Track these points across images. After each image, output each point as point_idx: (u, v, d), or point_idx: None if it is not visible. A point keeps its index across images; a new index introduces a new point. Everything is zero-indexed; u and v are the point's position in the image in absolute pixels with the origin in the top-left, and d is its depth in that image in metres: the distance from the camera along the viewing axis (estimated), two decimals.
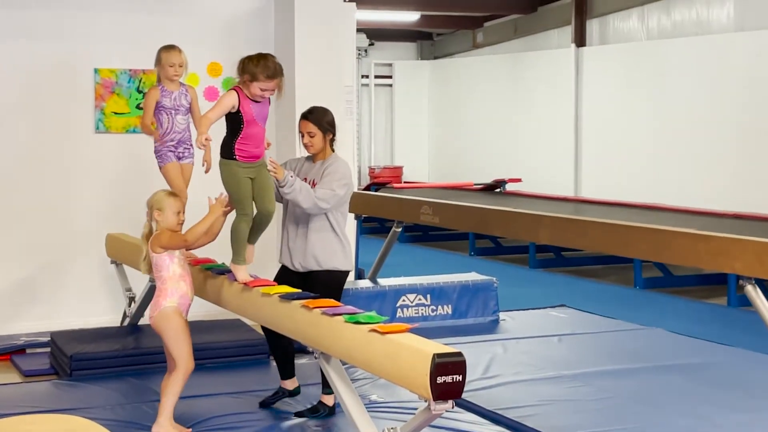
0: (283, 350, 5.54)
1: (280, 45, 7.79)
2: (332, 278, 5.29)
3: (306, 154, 5.47)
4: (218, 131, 4.99)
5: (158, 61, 5.77)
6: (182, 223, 4.91)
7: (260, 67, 4.84)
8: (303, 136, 5.32)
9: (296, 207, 5.19)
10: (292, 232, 5.32)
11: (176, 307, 4.86)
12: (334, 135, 5.33)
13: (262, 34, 7.88)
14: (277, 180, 5.03)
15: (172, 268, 4.87)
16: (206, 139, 4.73)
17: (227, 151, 4.91)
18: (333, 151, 5.37)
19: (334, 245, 5.27)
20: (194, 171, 5.64)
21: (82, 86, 7.52)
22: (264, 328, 5.41)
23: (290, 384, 5.59)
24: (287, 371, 5.58)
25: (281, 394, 5.57)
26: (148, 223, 4.92)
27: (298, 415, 5.36)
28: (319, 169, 5.29)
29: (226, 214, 4.98)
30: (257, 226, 5.04)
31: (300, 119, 5.36)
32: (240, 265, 5.00)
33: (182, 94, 5.78)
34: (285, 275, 5.37)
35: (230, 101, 4.84)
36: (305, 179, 5.30)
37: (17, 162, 7.39)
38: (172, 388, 4.90)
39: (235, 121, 4.87)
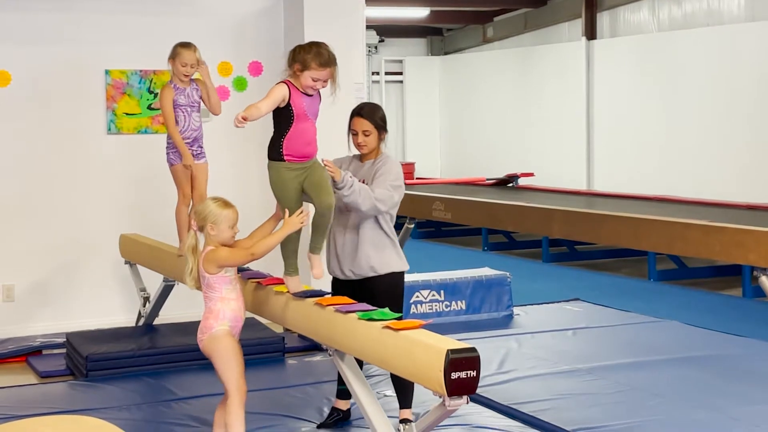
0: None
1: (290, 43, 7.76)
2: (391, 283, 4.94)
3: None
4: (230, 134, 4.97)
5: (173, 57, 5.78)
6: (234, 236, 4.48)
7: (312, 54, 4.47)
8: (356, 135, 4.97)
9: (352, 211, 4.84)
10: (340, 239, 4.97)
11: (228, 330, 4.44)
12: (386, 133, 5.02)
13: (271, 33, 7.89)
14: (334, 182, 4.63)
15: (227, 289, 4.45)
16: (243, 118, 4.27)
17: (274, 152, 4.50)
18: (381, 150, 5.04)
19: (387, 247, 4.93)
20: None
21: (93, 88, 7.54)
22: None
23: (344, 405, 5.22)
24: (345, 391, 5.10)
25: (336, 415, 5.20)
26: (194, 235, 4.49)
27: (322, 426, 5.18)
28: (369, 170, 4.95)
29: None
30: (317, 227, 4.59)
31: (352, 116, 5.01)
32: (293, 276, 4.61)
33: (194, 89, 5.82)
34: (337, 287, 5.00)
35: (281, 93, 4.44)
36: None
37: (30, 164, 7.42)
38: (233, 420, 4.41)
39: (283, 116, 4.48)
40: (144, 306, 6.97)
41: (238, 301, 4.48)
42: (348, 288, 4.87)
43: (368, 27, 8.07)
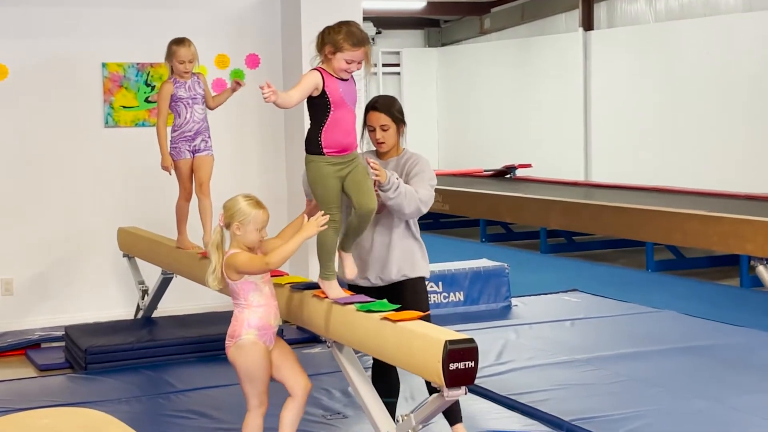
0: (385, 387, 4.65)
1: (287, 35, 7.80)
2: (417, 288, 4.64)
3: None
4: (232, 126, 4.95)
5: (169, 55, 5.79)
6: (261, 240, 4.16)
7: (343, 35, 4.15)
8: (374, 132, 4.63)
9: (393, 213, 4.51)
10: (367, 243, 4.57)
11: (254, 339, 4.10)
12: (405, 126, 4.71)
13: (269, 26, 7.89)
14: (379, 183, 4.31)
15: (252, 296, 4.11)
16: (272, 90, 3.94)
17: (312, 144, 4.14)
18: (402, 146, 4.73)
19: (416, 252, 4.65)
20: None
21: (90, 81, 7.54)
22: (374, 368, 4.73)
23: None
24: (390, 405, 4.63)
25: None
26: (220, 231, 4.14)
27: None
28: (396, 168, 4.60)
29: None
30: (354, 229, 4.26)
31: (367, 111, 4.68)
32: (331, 281, 4.24)
33: (195, 81, 5.84)
34: (359, 293, 4.48)
35: (313, 80, 4.10)
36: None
37: (27, 158, 7.42)
38: None
39: (319, 105, 4.13)
40: (142, 299, 6.98)
41: (268, 307, 4.14)
42: (372, 295, 4.43)
43: (365, 19, 8.07)
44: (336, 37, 4.16)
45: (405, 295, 4.56)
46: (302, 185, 4.67)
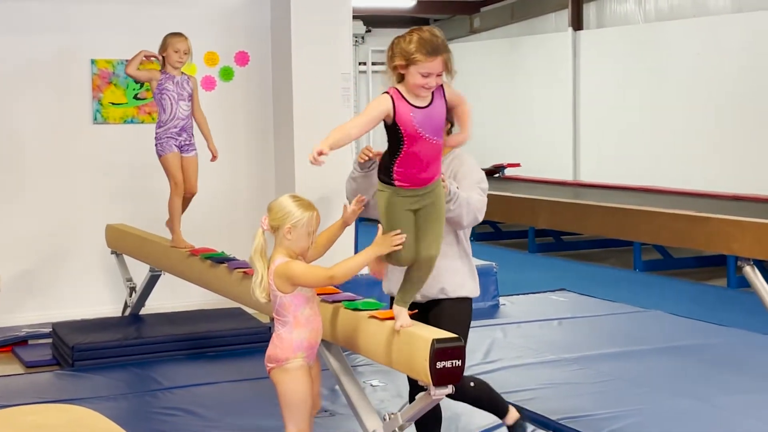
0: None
1: (277, 33, 7.79)
2: (460, 309, 4.22)
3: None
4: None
5: (164, 47, 5.79)
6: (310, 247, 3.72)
7: (415, 44, 3.45)
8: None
9: (450, 224, 4.06)
10: None
11: (302, 363, 3.69)
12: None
13: (258, 23, 7.89)
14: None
15: (303, 312, 3.67)
16: (320, 153, 3.31)
17: (385, 173, 3.55)
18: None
19: (464, 267, 4.26)
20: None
21: (79, 77, 7.52)
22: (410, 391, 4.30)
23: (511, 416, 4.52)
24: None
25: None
26: (263, 235, 3.67)
27: None
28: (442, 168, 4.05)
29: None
30: (410, 281, 3.68)
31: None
32: (403, 308, 3.68)
33: (184, 80, 5.84)
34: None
35: (378, 109, 3.45)
36: None
37: (16, 153, 7.40)
38: None
39: (392, 134, 3.50)
40: (130, 296, 6.97)
41: (316, 323, 3.73)
42: (415, 314, 3.86)
43: (355, 17, 8.06)
44: (407, 48, 3.47)
45: (442, 316, 4.09)
46: (345, 184, 4.22)
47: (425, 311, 4.11)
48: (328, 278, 3.56)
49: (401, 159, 3.49)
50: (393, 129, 3.48)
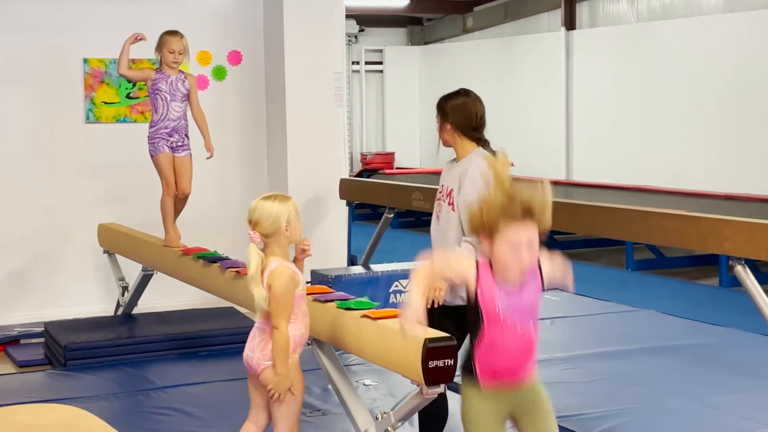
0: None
1: (269, 32, 7.79)
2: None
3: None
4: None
5: (160, 46, 5.77)
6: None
7: (499, 206, 3.02)
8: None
9: (447, 232, 4.11)
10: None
11: (296, 362, 3.74)
12: (466, 124, 4.10)
13: (251, 21, 7.89)
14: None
15: (301, 307, 3.75)
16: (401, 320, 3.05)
17: (467, 364, 3.07)
18: (474, 145, 4.21)
19: None
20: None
21: (71, 76, 7.51)
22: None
23: None
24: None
25: None
26: (259, 252, 3.66)
27: None
28: (455, 174, 4.18)
29: None
30: None
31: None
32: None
33: (180, 80, 5.79)
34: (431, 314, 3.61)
35: (464, 272, 3.00)
36: (442, 186, 4.28)
37: (8, 153, 7.39)
38: None
39: (472, 309, 3.01)
40: (123, 295, 6.95)
41: (308, 318, 3.79)
42: (436, 314, 3.79)
43: (348, 16, 8.08)
44: (490, 215, 2.95)
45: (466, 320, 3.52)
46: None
47: (447, 315, 3.98)
48: (283, 326, 3.59)
49: (482, 347, 2.96)
50: (474, 301, 2.98)
